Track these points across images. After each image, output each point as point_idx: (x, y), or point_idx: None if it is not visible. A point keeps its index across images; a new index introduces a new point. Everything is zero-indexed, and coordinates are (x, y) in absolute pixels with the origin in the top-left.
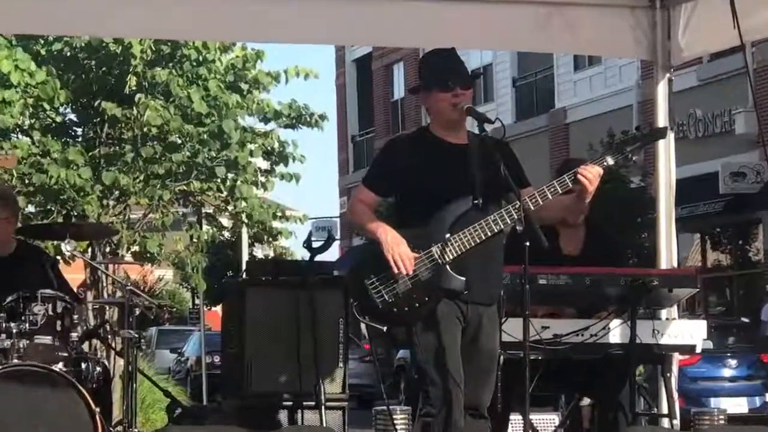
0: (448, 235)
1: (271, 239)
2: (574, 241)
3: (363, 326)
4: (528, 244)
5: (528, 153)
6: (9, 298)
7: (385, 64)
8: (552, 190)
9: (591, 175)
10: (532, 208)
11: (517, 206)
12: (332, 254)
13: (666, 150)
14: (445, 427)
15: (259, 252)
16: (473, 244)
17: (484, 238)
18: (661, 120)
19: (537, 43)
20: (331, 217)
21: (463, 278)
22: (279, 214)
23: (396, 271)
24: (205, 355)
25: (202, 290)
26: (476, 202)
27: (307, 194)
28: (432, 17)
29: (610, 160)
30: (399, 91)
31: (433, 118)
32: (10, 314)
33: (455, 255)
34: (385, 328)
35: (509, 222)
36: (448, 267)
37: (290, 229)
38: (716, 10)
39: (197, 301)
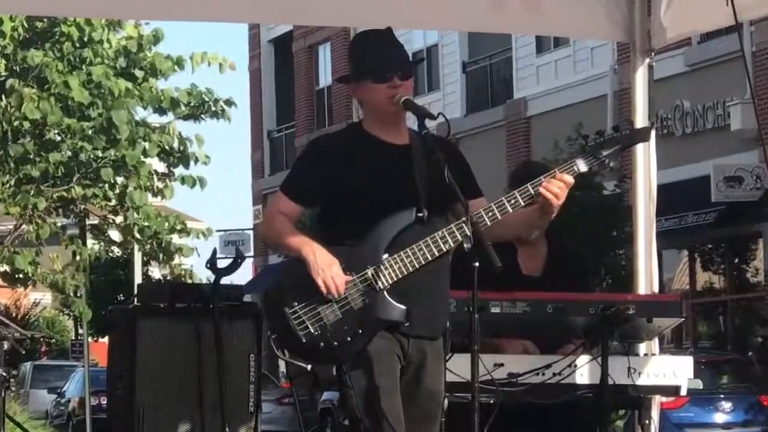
0: (386, 256)
1: (167, 258)
2: (534, 260)
3: (282, 363)
4: (477, 264)
5: (482, 153)
6: None
7: (308, 45)
8: (513, 202)
9: (557, 188)
10: (489, 223)
11: (468, 221)
12: (243, 275)
13: (646, 149)
14: None
15: (156, 272)
16: (416, 267)
17: (429, 259)
18: (641, 113)
19: (492, 21)
20: (242, 230)
21: (404, 307)
22: (179, 226)
23: (325, 294)
24: (90, 397)
25: (86, 319)
26: (420, 215)
27: (214, 202)
28: None
29: (582, 166)
30: (325, 78)
31: (366, 113)
32: None
33: (394, 279)
34: (309, 367)
35: (460, 239)
36: (385, 293)
37: (192, 245)
38: None
39: (81, 331)
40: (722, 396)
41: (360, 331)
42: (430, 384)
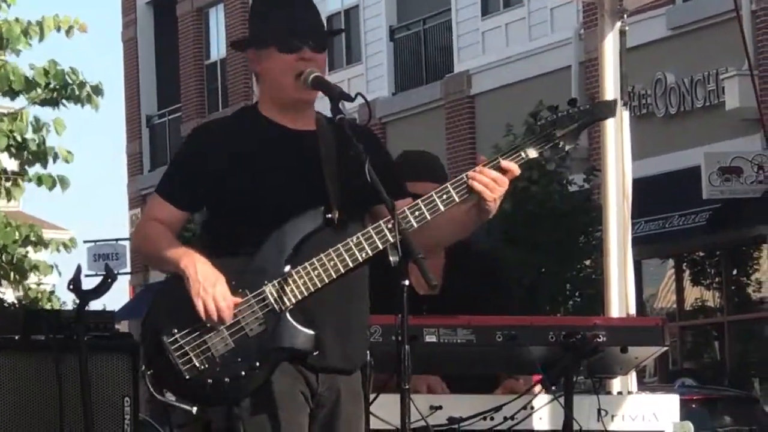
0: (287, 268)
1: (20, 277)
2: (435, 266)
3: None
4: (407, 282)
5: (414, 140)
6: None
7: (196, 8)
8: (445, 198)
9: (488, 179)
10: (416, 225)
11: (390, 225)
12: (117, 298)
13: (617, 135)
14: None
15: (9, 295)
16: (325, 281)
17: (342, 271)
18: (610, 89)
19: None
20: (116, 240)
21: (311, 332)
22: (33, 237)
23: (212, 320)
24: None
25: None
26: (329, 216)
27: (79, 207)
28: None
29: (531, 152)
30: (218, 49)
31: (264, 91)
32: None
33: (299, 298)
34: (194, 409)
35: (380, 247)
36: (288, 316)
37: (51, 261)
38: None
39: None
40: None
41: (257, 364)
42: (345, 430)
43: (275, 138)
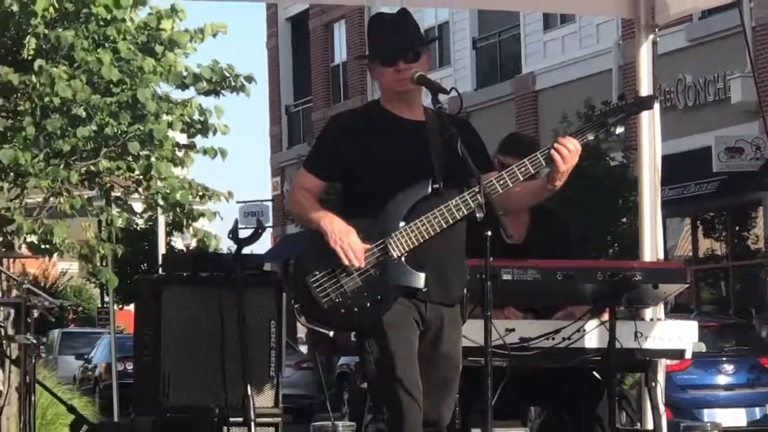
0: (402, 224)
1: (192, 221)
2: (517, 228)
3: (301, 328)
4: (490, 233)
5: (491, 126)
6: None
7: (324, 23)
8: (524, 170)
9: (567, 150)
10: (501, 191)
11: (476, 190)
12: (262, 245)
13: (650, 122)
14: None
15: (179, 242)
16: (431, 234)
17: (444, 226)
18: (645, 87)
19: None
20: (261, 201)
21: (421, 273)
22: (200, 193)
23: (345, 263)
24: (116, 362)
25: (112, 287)
26: (436, 186)
27: (234, 174)
28: None
29: (589, 135)
30: (340, 54)
31: (381, 92)
32: None
33: (411, 247)
34: (331, 333)
35: (473, 207)
36: (403, 261)
37: (214, 210)
38: None
39: (107, 299)
40: (724, 359)
41: (379, 298)
42: (448, 349)
43: (392, 126)
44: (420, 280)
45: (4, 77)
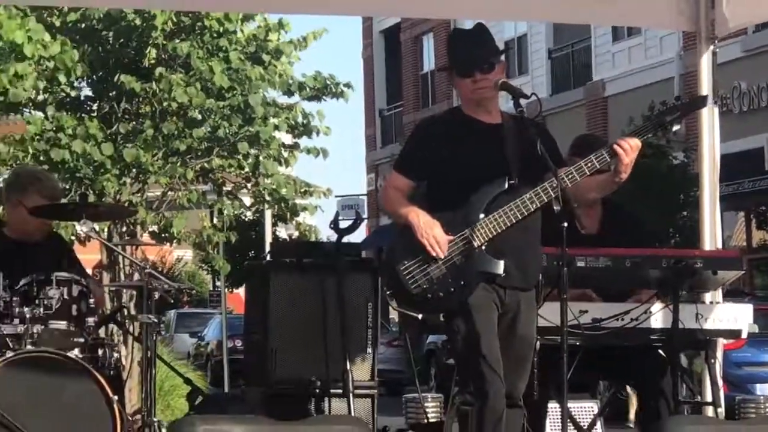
0: (482, 216)
1: (294, 216)
2: (591, 219)
3: (392, 310)
4: (566, 225)
5: (564, 128)
6: (22, 282)
7: (414, 35)
8: (590, 165)
9: (628, 146)
10: (570, 185)
11: (553, 184)
12: (359, 234)
13: (710, 124)
14: (482, 415)
15: (283, 232)
16: (508, 225)
17: (519, 217)
18: (705, 92)
19: (574, 13)
20: (358, 195)
21: (501, 261)
22: (304, 190)
23: (431, 253)
24: (226, 340)
25: (224, 272)
26: (512, 183)
27: (333, 171)
28: None
29: (649, 132)
30: (429, 63)
31: (461, 99)
32: (23, 298)
33: (490, 237)
34: (419, 316)
35: (545, 200)
36: (483, 250)
37: (315, 204)
38: None
39: (218, 283)
40: None
41: (462, 283)
42: (523, 330)
43: (472, 129)
44: (499, 267)
45: (127, 84)
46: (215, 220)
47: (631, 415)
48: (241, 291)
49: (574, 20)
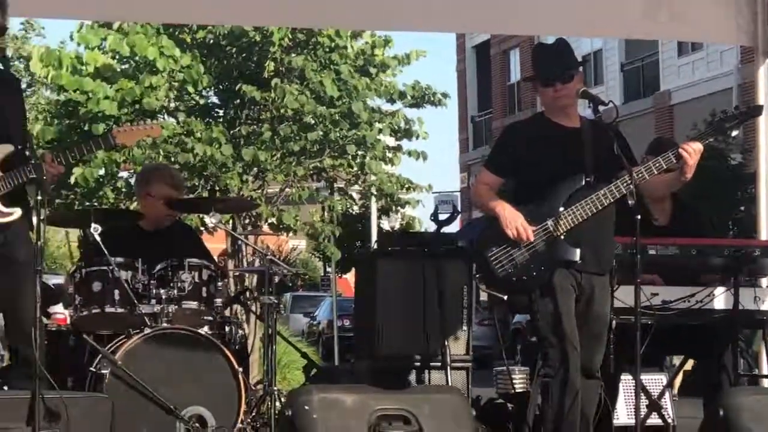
0: (561, 209)
1: (398, 209)
2: (662, 213)
3: (482, 293)
4: (639, 217)
5: (634, 133)
6: (158, 267)
7: (502, 50)
8: (657, 165)
9: (692, 149)
10: (640, 182)
11: (627, 181)
12: (454, 226)
13: (766, 130)
14: (563, 386)
15: (386, 224)
16: (585, 217)
17: (595, 210)
18: (761, 101)
19: (644, 30)
20: (452, 192)
21: (578, 249)
22: (406, 187)
23: (516, 240)
24: (336, 319)
25: (336, 259)
26: (588, 180)
27: (431, 170)
28: (545, 6)
29: (710, 137)
30: (515, 74)
31: (544, 106)
32: (159, 281)
33: (569, 227)
34: (505, 297)
35: (618, 195)
36: (562, 239)
37: (417, 199)
38: None
39: (328, 269)
40: None
41: (543, 269)
42: (598, 310)
43: (555, 133)
44: (576, 254)
45: (248, 93)
46: (326, 214)
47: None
48: (348, 276)
49: (645, 36)
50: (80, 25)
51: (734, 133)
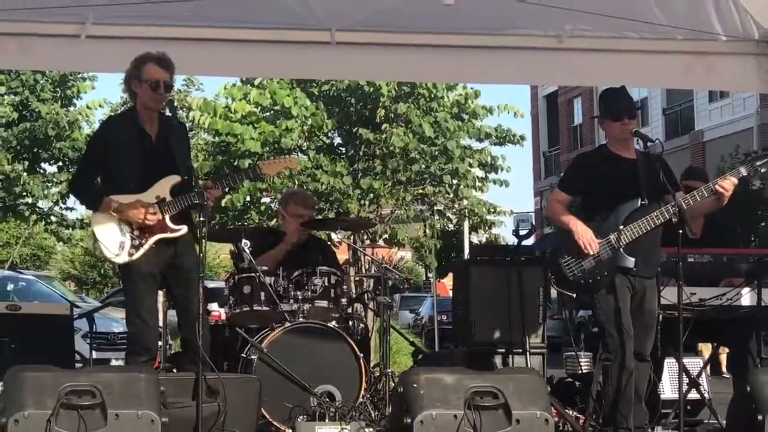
0: (622, 227)
1: (486, 227)
2: (697, 227)
3: (554, 292)
4: (681, 231)
5: (674, 164)
6: (296, 273)
7: (567, 98)
8: (700, 194)
9: (728, 185)
10: (685, 207)
11: (672, 205)
12: (530, 240)
13: None
14: (620, 368)
15: (474, 238)
16: (641, 233)
17: (649, 229)
18: None
19: (683, 82)
20: (528, 212)
21: (633, 258)
22: (492, 210)
23: (585, 251)
24: (436, 314)
25: (434, 266)
26: (643, 202)
27: (511, 195)
28: (604, 63)
29: (743, 171)
30: (578, 118)
31: (608, 139)
32: (296, 285)
33: (627, 241)
34: (574, 295)
35: (668, 217)
36: (622, 250)
37: (501, 220)
38: None
39: (429, 275)
40: None
41: (605, 273)
42: (649, 306)
43: (615, 162)
44: (632, 262)
45: (364, 135)
46: (427, 231)
47: (723, 368)
48: (445, 280)
49: (683, 86)
50: (225, 84)
51: (764, 170)
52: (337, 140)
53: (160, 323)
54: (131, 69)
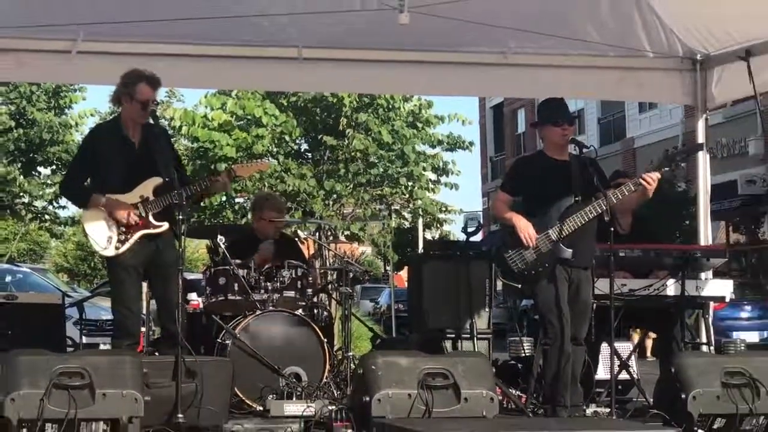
0: (558, 222)
1: (438, 225)
2: (626, 224)
3: (500, 284)
4: (612, 229)
5: (608, 168)
6: (266, 266)
7: (512, 108)
8: (627, 188)
9: (651, 178)
10: (615, 202)
11: (604, 202)
12: (478, 236)
13: (703, 165)
14: (558, 352)
15: (428, 235)
16: (577, 226)
17: (582, 222)
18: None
19: (616, 94)
20: (476, 211)
21: (570, 250)
22: (443, 209)
23: (525, 243)
24: (393, 304)
25: (392, 261)
26: (577, 199)
27: (461, 196)
28: (547, 77)
29: (664, 167)
30: (522, 126)
31: (545, 144)
32: (267, 276)
33: (564, 235)
34: (519, 286)
35: (599, 212)
36: (559, 243)
37: (451, 219)
38: (737, 71)
39: (387, 268)
40: (745, 302)
41: (546, 265)
42: (584, 296)
43: (552, 165)
44: (569, 253)
45: (328, 141)
46: (385, 228)
47: (648, 352)
48: (401, 273)
49: (615, 98)
50: (206, 93)
51: (682, 164)
52: (304, 146)
53: (144, 311)
54: (122, 85)
